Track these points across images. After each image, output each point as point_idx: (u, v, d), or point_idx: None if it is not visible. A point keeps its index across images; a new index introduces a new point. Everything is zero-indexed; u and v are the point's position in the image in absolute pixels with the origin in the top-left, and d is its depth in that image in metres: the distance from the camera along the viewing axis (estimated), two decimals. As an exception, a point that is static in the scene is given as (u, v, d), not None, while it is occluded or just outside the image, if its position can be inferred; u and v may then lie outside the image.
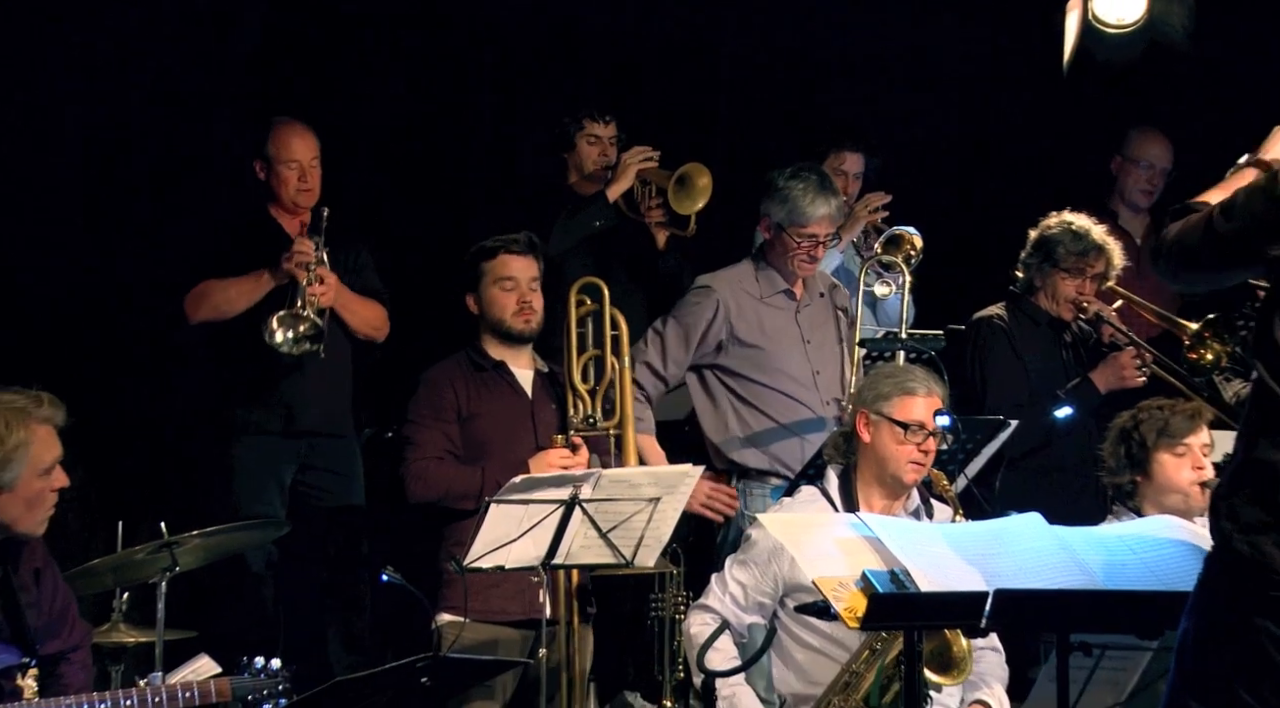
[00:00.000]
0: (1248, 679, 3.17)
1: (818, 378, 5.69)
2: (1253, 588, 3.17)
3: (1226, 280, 3.52)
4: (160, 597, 4.92)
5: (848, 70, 7.27)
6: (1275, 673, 3.15)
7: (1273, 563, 3.15)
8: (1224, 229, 3.31)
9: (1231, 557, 3.20)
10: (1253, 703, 3.16)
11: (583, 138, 6.45)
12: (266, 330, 5.61)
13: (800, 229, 5.65)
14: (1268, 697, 3.16)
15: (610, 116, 6.47)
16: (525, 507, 4.56)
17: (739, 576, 4.73)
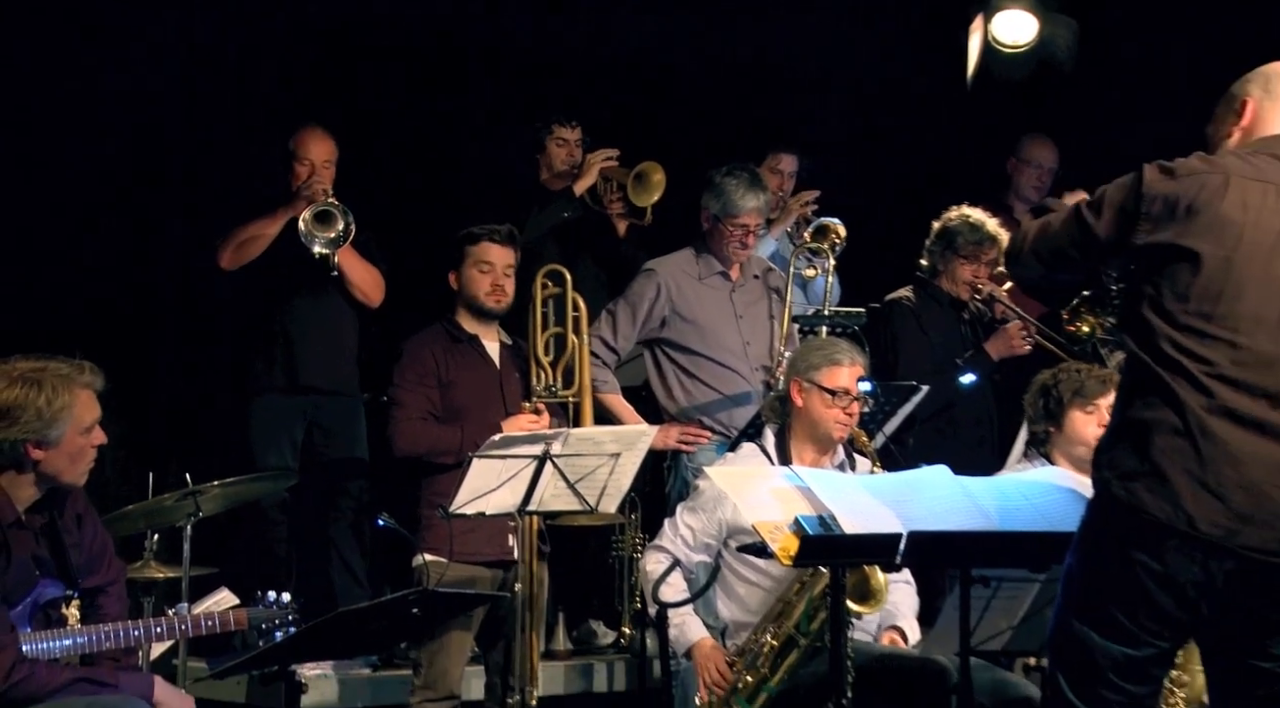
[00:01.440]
0: (1122, 602, 3.20)
1: (748, 349, 5.68)
2: (1128, 526, 3.19)
3: (1090, 270, 3.51)
4: (186, 538, 4.91)
5: (785, 83, 7.27)
6: (1147, 597, 3.18)
7: (1144, 505, 3.17)
8: (1094, 223, 3.32)
9: (1110, 501, 3.23)
10: (1125, 621, 3.20)
11: (552, 141, 6.43)
12: (304, 231, 5.55)
13: (734, 219, 5.66)
14: (1139, 616, 3.19)
15: (576, 123, 6.46)
16: (503, 461, 4.56)
17: (688, 520, 4.73)
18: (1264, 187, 3.27)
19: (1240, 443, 3.17)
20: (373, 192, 5.96)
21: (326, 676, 5.43)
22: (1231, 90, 3.49)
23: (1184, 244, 3.24)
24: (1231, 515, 3.15)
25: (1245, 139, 3.42)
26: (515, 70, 7.07)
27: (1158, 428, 3.19)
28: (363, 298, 5.84)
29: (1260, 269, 3.23)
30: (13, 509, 3.73)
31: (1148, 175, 3.29)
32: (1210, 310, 3.22)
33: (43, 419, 3.69)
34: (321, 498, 5.83)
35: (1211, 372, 3.19)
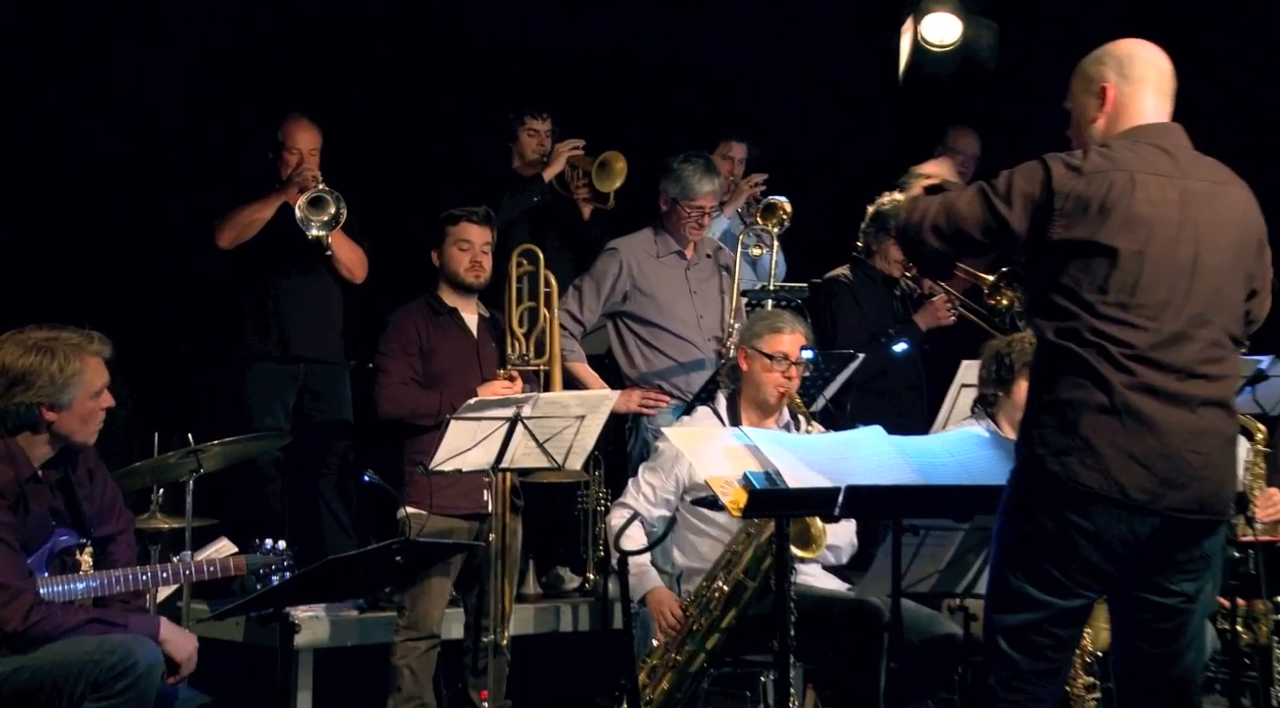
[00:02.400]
0: (1056, 559, 3.24)
1: (701, 322, 5.69)
2: (1062, 495, 3.22)
3: (980, 253, 3.50)
4: (189, 492, 4.89)
5: (735, 79, 7.25)
6: (1078, 553, 3.23)
7: (1078, 477, 3.20)
8: (1005, 212, 3.28)
9: (1044, 473, 3.24)
10: (1059, 575, 3.24)
11: (524, 131, 6.39)
12: (300, 216, 5.50)
13: (690, 202, 5.65)
14: (1071, 570, 3.24)
15: (546, 114, 6.42)
16: (478, 422, 4.57)
17: (649, 478, 4.73)
18: (1161, 180, 3.29)
19: (1160, 416, 3.21)
20: (357, 177, 5.91)
21: (318, 617, 5.42)
22: (1087, 71, 3.43)
23: (1100, 241, 3.24)
24: (1156, 481, 3.19)
25: (1111, 126, 3.38)
26: (487, 64, 7.03)
27: (1086, 407, 3.21)
28: (348, 275, 5.80)
29: (1168, 259, 3.26)
30: (30, 466, 3.71)
31: (1056, 172, 3.27)
32: (1127, 300, 3.23)
33: (55, 384, 3.67)
34: (312, 456, 5.79)
35: (1131, 353, 3.22)
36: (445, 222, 5.29)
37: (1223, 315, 3.30)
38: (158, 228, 6.29)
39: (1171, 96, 3.43)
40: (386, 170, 6.75)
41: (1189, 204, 3.29)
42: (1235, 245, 3.33)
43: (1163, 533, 3.23)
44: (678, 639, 4.46)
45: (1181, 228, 3.27)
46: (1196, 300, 3.26)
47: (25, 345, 3.67)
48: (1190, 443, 3.22)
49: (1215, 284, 3.29)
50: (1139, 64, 3.42)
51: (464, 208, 5.31)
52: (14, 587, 3.54)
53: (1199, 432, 3.23)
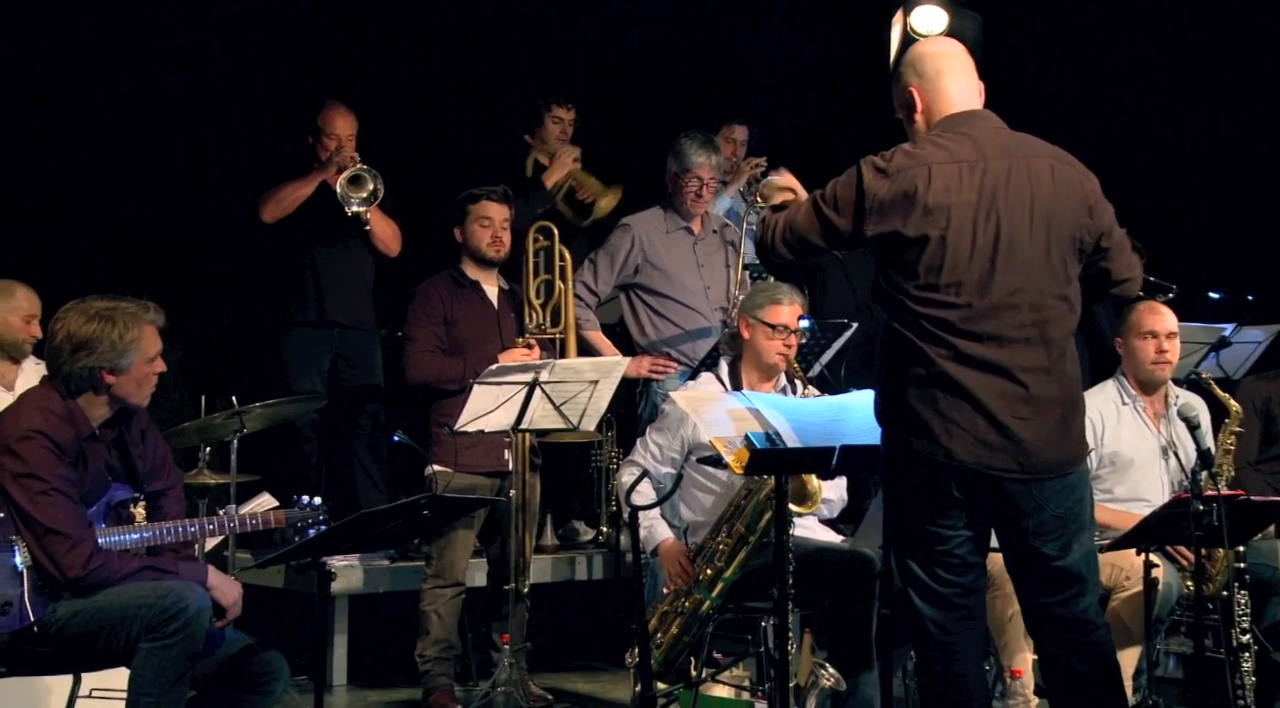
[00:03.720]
0: (921, 515, 3.29)
1: (708, 292, 5.67)
2: (906, 462, 3.28)
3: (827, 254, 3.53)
4: (233, 450, 4.93)
5: (737, 65, 7.23)
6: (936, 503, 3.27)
7: (911, 444, 3.26)
8: (833, 217, 3.34)
9: (893, 445, 3.31)
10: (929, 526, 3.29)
11: (550, 117, 6.33)
12: (341, 193, 5.50)
13: (689, 173, 5.64)
14: (936, 520, 3.29)
15: (572, 104, 6.36)
16: (499, 386, 4.58)
17: (656, 438, 4.73)
18: (957, 166, 3.30)
19: (978, 383, 3.23)
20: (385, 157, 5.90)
21: (352, 566, 5.45)
22: (895, 86, 3.51)
23: (905, 232, 3.28)
24: (978, 444, 3.22)
25: (929, 120, 3.42)
26: (497, 49, 6.98)
27: (913, 381, 3.26)
28: (384, 248, 5.80)
29: (969, 239, 3.27)
30: (89, 425, 3.73)
31: (866, 176, 3.32)
32: (936, 280, 3.27)
33: (116, 350, 3.68)
34: (346, 418, 5.82)
35: (947, 329, 3.26)
36: (466, 200, 5.29)
37: (1046, 283, 3.29)
38: (205, 204, 6.29)
39: (972, 75, 3.45)
40: (411, 150, 6.74)
41: (989, 185, 3.29)
42: (1045, 214, 3.31)
43: (996, 495, 3.25)
44: (685, 587, 4.47)
45: (980, 208, 3.28)
46: (1011, 273, 3.27)
47: (88, 314, 3.69)
48: (1012, 408, 3.22)
49: (1030, 255, 3.28)
50: (929, 60, 3.46)
51: (484, 187, 5.31)
52: (75, 536, 3.57)
53: (1021, 398, 3.23)
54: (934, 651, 3.31)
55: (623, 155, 6.84)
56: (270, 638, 3.78)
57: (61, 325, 3.68)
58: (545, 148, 6.34)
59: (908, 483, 3.31)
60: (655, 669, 4.37)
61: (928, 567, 3.31)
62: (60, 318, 3.71)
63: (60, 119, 5.90)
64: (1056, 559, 3.30)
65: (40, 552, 3.55)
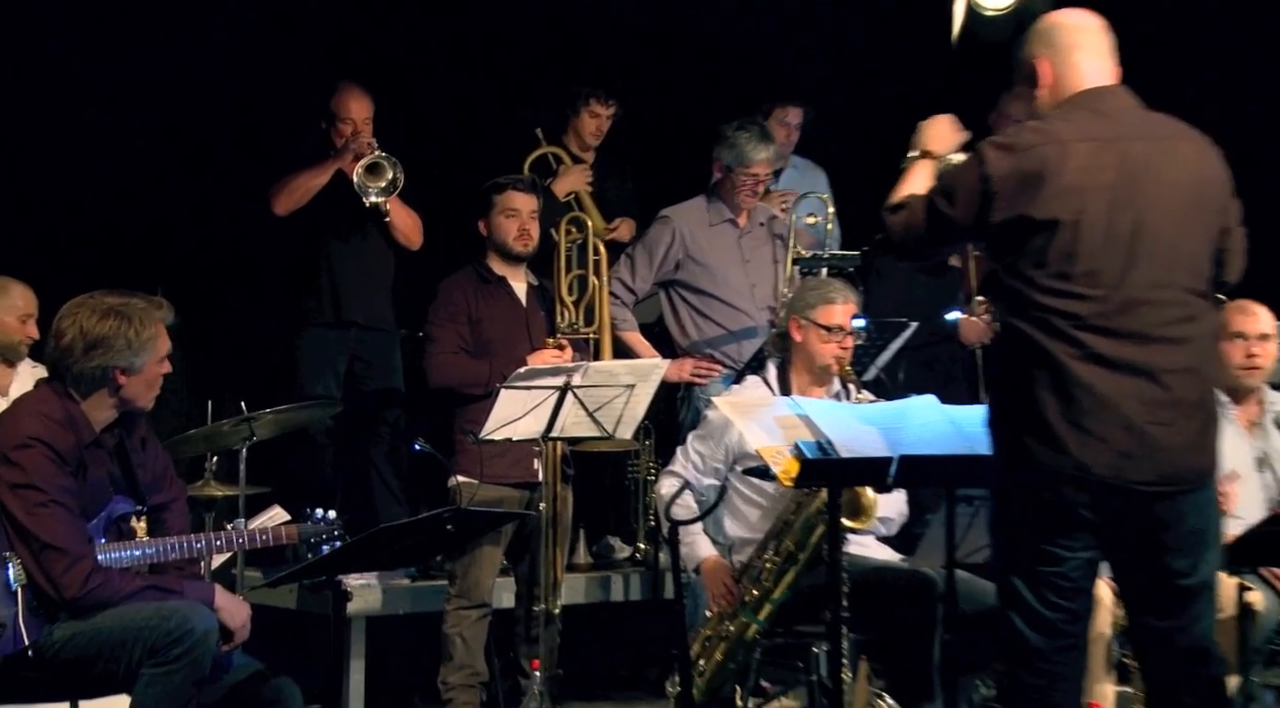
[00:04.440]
0: (1038, 534, 3.22)
1: (754, 290, 5.68)
2: (1029, 475, 3.21)
3: (953, 249, 3.51)
4: (242, 460, 4.95)
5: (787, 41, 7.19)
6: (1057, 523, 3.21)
7: (1037, 456, 3.18)
8: (950, 211, 3.29)
9: (1013, 456, 3.24)
10: (1045, 547, 3.22)
11: (586, 111, 6.30)
12: (358, 183, 5.54)
13: (745, 169, 5.65)
14: (1055, 540, 3.21)
15: (613, 100, 6.33)
16: (528, 391, 4.59)
17: (698, 447, 4.73)
18: (1093, 145, 3.25)
19: (1114, 386, 3.16)
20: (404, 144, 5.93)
21: (370, 585, 5.46)
22: (1018, 57, 3.44)
23: (1035, 215, 3.22)
24: (1115, 455, 3.15)
25: (1055, 97, 3.36)
26: (534, 29, 6.96)
27: (1038, 384, 3.19)
28: (405, 241, 5.82)
29: (1105, 224, 3.22)
30: (91, 430, 3.74)
31: (989, 157, 3.27)
32: (1068, 270, 3.21)
33: (132, 348, 3.71)
34: (363, 425, 5.84)
35: (1078, 324, 3.19)
36: (491, 191, 5.30)
37: (1188, 277, 3.25)
38: (212, 194, 6.32)
39: (1110, 55, 3.39)
40: (433, 135, 6.75)
41: (1128, 167, 3.24)
42: (1189, 202, 3.27)
43: (1134, 509, 3.20)
44: (730, 610, 4.47)
45: (1118, 192, 3.22)
46: (1149, 264, 3.21)
47: (100, 310, 3.72)
48: (1153, 413, 3.17)
49: (1169, 245, 3.23)
50: (1064, 31, 3.39)
51: (509, 176, 5.34)
52: (74, 552, 3.59)
53: (1163, 402, 3.18)
54: (1034, 679, 3.27)
55: (657, 138, 6.83)
56: (282, 663, 3.79)
57: (72, 322, 3.70)
58: (577, 138, 6.32)
59: (1026, 498, 3.24)
60: (698, 699, 4.37)
61: (1037, 589, 3.25)
62: (69, 314, 3.73)
63: (57, 107, 5.94)
64: (1185, 578, 3.26)
65: (36, 569, 3.58)
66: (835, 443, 3.63)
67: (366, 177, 5.60)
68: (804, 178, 6.61)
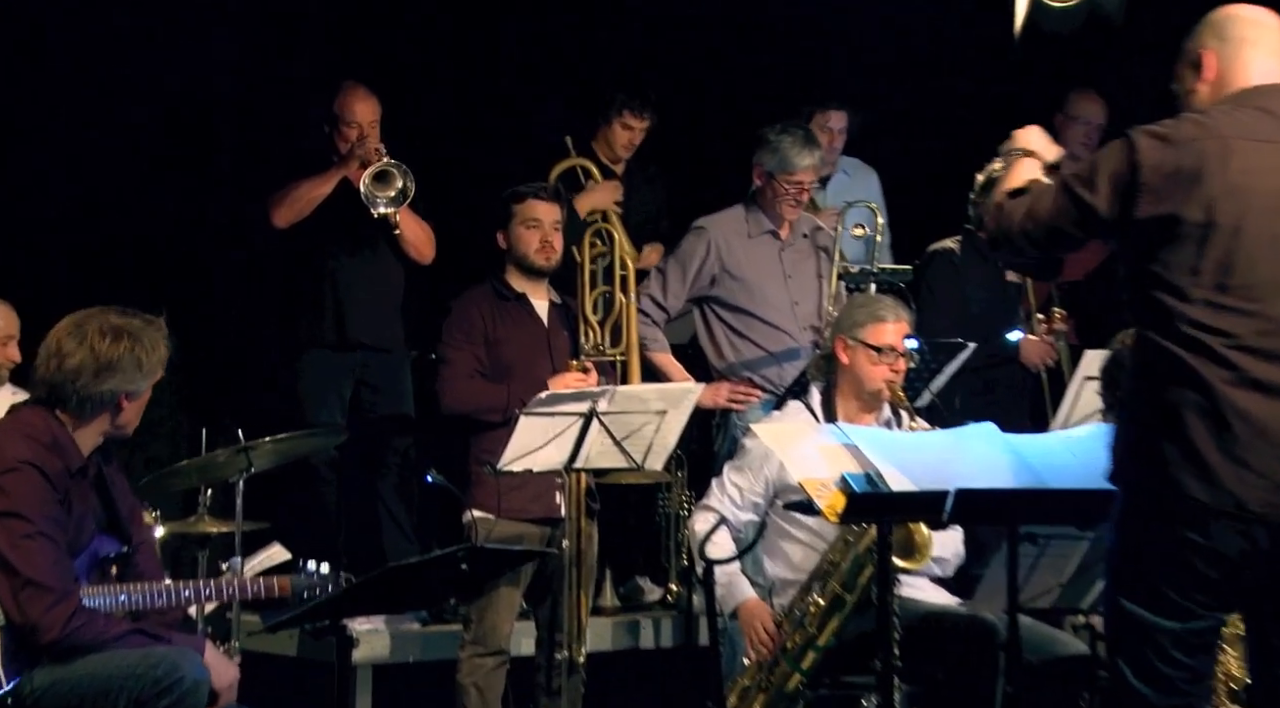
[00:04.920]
0: (1171, 579, 3.15)
1: (796, 308, 5.67)
2: (1172, 510, 3.13)
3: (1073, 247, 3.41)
4: (238, 493, 4.93)
5: (830, 37, 7.19)
6: (1195, 572, 3.14)
7: (1188, 489, 3.11)
8: (1090, 198, 3.21)
9: (1149, 487, 3.17)
10: (1177, 597, 3.16)
11: (619, 122, 6.28)
12: (365, 193, 5.55)
13: (789, 177, 5.63)
14: (1189, 591, 3.15)
15: (648, 112, 6.32)
16: (550, 418, 4.59)
17: (735, 479, 4.72)
18: (1259, 146, 3.19)
19: (1272, 414, 3.10)
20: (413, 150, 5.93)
21: (377, 630, 5.47)
22: (1185, 45, 3.39)
23: (1190, 216, 3.15)
24: (1274, 488, 3.09)
25: (1217, 93, 3.31)
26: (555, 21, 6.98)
27: (1186, 409, 3.12)
28: (416, 255, 5.84)
29: (1270, 233, 3.15)
30: (79, 456, 3.72)
31: (1142, 146, 3.20)
32: (1226, 281, 3.14)
33: (142, 371, 3.72)
34: (370, 455, 5.86)
35: (1233, 344, 3.12)
36: (510, 199, 5.31)
37: None
38: (205, 205, 6.36)
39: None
40: (445, 143, 6.76)
41: None
42: None
43: None
44: (770, 658, 4.45)
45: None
46: None
47: (110, 331, 3.71)
48: None
49: None
50: (1238, 24, 3.34)
51: (530, 184, 5.34)
52: (59, 590, 3.57)
53: None
54: None
55: (692, 141, 6.81)
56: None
57: (81, 343, 3.68)
58: (607, 147, 6.31)
59: (1163, 536, 3.16)
60: (735, 756, 4.35)
61: (1158, 641, 3.18)
62: (73, 334, 3.70)
63: (39, 111, 5.97)
64: None
65: (14, 606, 3.56)
66: (885, 475, 3.61)
67: (374, 185, 5.62)
68: (854, 183, 6.62)
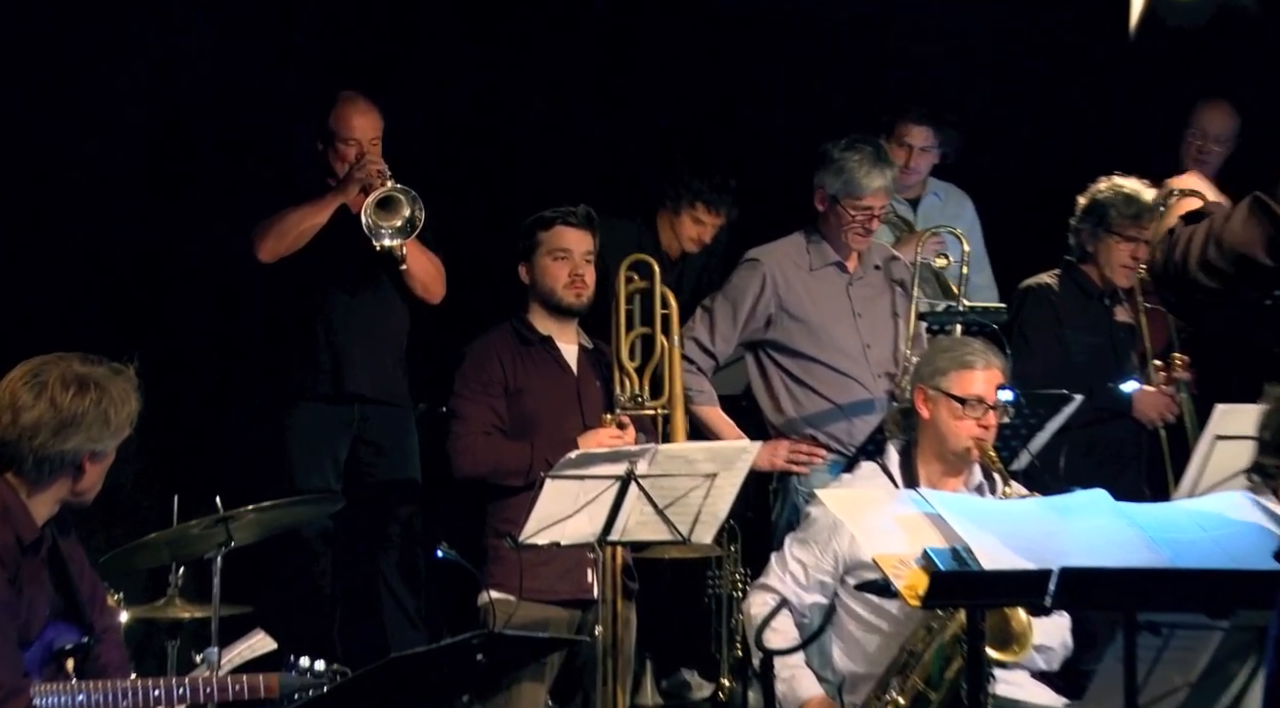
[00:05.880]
0: None
1: (868, 352, 5.67)
2: None
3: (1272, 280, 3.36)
4: (216, 572, 4.91)
5: (913, 38, 7.20)
6: None
7: None
8: None
9: None
10: None
11: (690, 214, 6.32)
12: (367, 222, 5.59)
13: (856, 201, 5.63)
14: None
15: (725, 209, 6.35)
16: (581, 482, 4.58)
17: (798, 554, 4.72)
18: None
19: None
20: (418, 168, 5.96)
21: (378, 733, 5.46)
22: None
23: None
24: None
25: None
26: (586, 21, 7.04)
27: None
28: (424, 293, 5.88)
29: None
30: (33, 527, 3.72)
31: None
32: None
33: (109, 428, 3.73)
34: (370, 525, 5.88)
35: None
36: (535, 227, 5.35)
37: None
38: (180, 235, 6.41)
39: None
40: (457, 161, 6.79)
41: None
42: None
43: None
44: (841, 767, 4.47)
45: None
46: None
47: (74, 380, 3.71)
48: None
49: None
50: None
51: (557, 208, 5.36)
52: (6, 688, 3.57)
53: None
54: None
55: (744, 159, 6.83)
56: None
57: (39, 394, 3.69)
58: (664, 231, 6.35)
59: None
60: None
61: None
62: (29, 384, 3.70)
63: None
64: None
65: (-49, 704, 3.56)
66: (976, 550, 3.58)
67: (377, 214, 5.67)
68: (946, 208, 6.64)
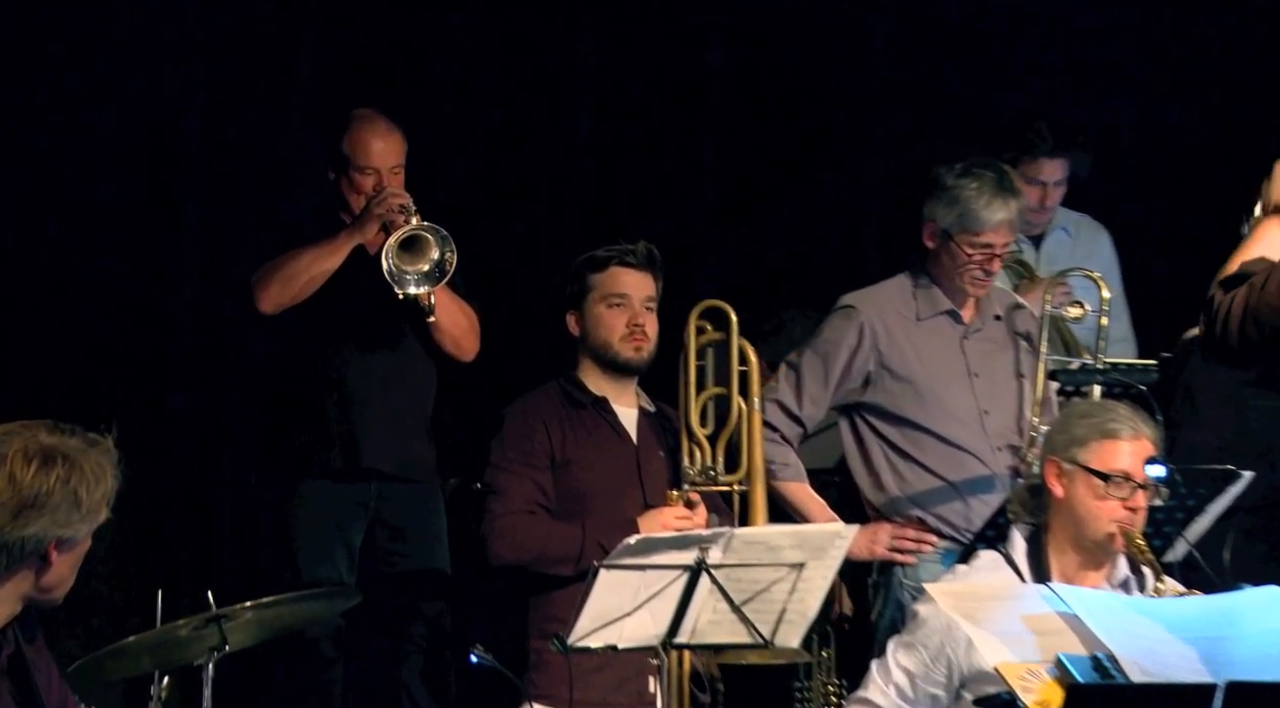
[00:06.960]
0: None
1: (986, 419, 5.66)
2: None
3: None
4: (207, 682, 4.92)
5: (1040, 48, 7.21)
6: None
7: None
8: None
9: None
10: None
11: None
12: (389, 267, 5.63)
13: (973, 237, 5.60)
14: None
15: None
16: (642, 573, 4.56)
17: (904, 662, 4.66)
18: None
19: None
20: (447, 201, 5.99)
21: None
22: None
23: None
24: None
25: None
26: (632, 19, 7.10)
27: None
28: (454, 348, 5.91)
29: None
30: None
31: None
32: None
33: (80, 511, 3.70)
34: (389, 625, 5.89)
35: None
36: (587, 268, 5.40)
37: None
38: (167, 281, 6.48)
39: None
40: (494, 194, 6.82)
41: None
42: None
43: None
44: None
45: None
46: None
47: (38, 454, 3.70)
48: None
49: None
50: None
51: (612, 246, 5.41)
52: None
53: None
54: None
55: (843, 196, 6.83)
56: None
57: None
58: None
59: None
60: None
61: None
62: None
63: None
64: None
65: None
66: (1121, 659, 3.63)
67: (401, 257, 5.69)
68: (1078, 246, 6.66)
